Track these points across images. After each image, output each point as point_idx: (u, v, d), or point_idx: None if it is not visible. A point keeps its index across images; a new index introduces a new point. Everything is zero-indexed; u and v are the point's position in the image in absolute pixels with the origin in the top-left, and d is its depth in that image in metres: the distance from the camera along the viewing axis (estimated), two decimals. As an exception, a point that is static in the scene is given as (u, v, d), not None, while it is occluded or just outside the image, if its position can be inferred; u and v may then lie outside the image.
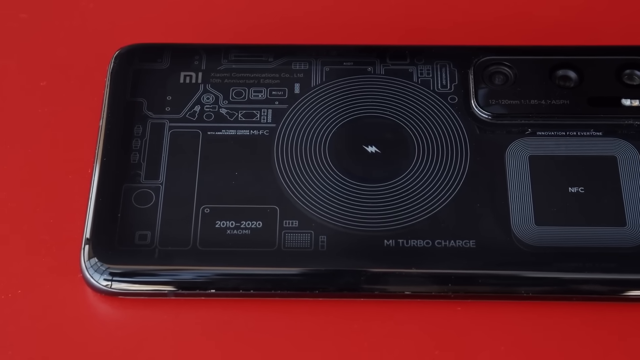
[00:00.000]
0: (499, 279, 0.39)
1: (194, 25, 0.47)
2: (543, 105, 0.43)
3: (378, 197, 0.41)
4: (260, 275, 0.39)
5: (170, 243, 0.40)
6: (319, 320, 0.39)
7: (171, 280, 0.39)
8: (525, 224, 0.40)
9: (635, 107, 0.43)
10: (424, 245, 0.40)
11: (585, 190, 0.41)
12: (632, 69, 0.43)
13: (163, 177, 0.41)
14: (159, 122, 0.43)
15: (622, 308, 0.39)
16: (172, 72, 0.44)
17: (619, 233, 0.40)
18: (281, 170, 0.41)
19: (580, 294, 0.39)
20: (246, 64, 0.44)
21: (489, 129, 0.42)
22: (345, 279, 0.39)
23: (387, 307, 0.39)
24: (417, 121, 0.43)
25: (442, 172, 0.41)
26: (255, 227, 0.40)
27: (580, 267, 0.39)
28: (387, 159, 0.42)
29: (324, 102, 0.43)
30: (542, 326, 0.39)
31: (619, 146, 0.42)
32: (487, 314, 0.39)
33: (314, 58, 0.44)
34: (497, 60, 0.44)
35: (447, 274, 0.39)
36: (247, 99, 0.43)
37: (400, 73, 0.44)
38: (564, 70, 0.43)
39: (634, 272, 0.39)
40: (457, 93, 0.43)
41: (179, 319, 0.39)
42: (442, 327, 0.39)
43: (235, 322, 0.39)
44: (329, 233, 0.40)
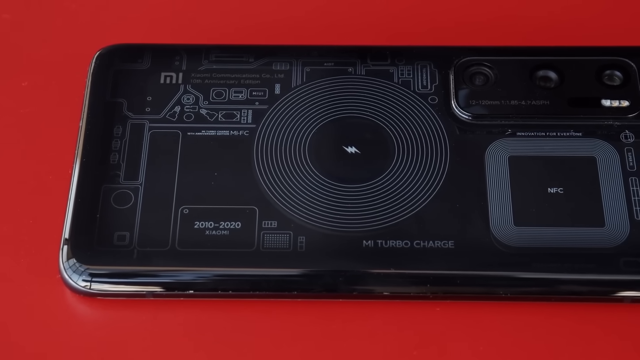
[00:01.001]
0: (478, 279, 0.39)
1: (175, 25, 0.47)
2: (523, 106, 0.43)
3: (357, 197, 0.41)
4: (239, 276, 0.39)
5: (149, 244, 0.40)
6: (298, 320, 0.39)
7: (149, 281, 0.39)
8: (504, 224, 0.40)
9: (615, 107, 0.43)
10: (402, 246, 0.40)
11: (565, 191, 0.41)
12: (613, 69, 0.43)
13: (142, 178, 0.41)
14: (138, 122, 0.42)
15: (600, 308, 0.39)
16: (153, 72, 0.44)
17: (597, 234, 0.40)
18: (261, 170, 0.41)
19: (559, 295, 0.39)
20: (227, 65, 0.44)
21: (469, 130, 0.42)
22: (323, 279, 0.39)
23: (366, 307, 0.39)
24: (397, 122, 0.43)
25: (422, 172, 0.41)
26: (234, 228, 0.40)
27: (558, 268, 0.39)
28: (366, 159, 0.42)
29: (304, 102, 0.43)
30: (521, 327, 0.39)
31: (598, 147, 0.42)
32: (465, 314, 0.39)
33: (294, 58, 0.44)
34: (478, 61, 0.44)
35: (426, 275, 0.39)
36: (227, 100, 0.43)
37: (380, 73, 0.44)
38: (545, 70, 0.43)
39: (613, 272, 0.39)
40: (437, 93, 0.43)
41: (158, 319, 0.39)
42: (421, 327, 0.39)
43: (213, 323, 0.39)
44: (307, 234, 0.40)
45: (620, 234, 0.40)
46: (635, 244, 0.39)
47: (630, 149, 0.42)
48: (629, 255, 0.39)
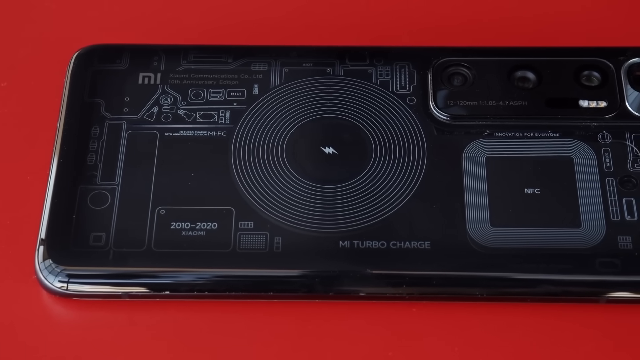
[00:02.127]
0: (454, 280, 0.39)
1: (154, 26, 0.47)
2: (501, 107, 0.43)
3: (334, 198, 0.41)
4: (215, 277, 0.39)
5: (125, 244, 0.40)
6: (274, 321, 0.39)
7: (125, 281, 0.39)
8: (480, 225, 0.40)
9: (592, 108, 0.43)
10: (379, 247, 0.40)
11: (541, 191, 0.41)
12: (591, 70, 0.43)
13: (119, 179, 0.41)
14: (116, 123, 0.42)
15: (576, 309, 0.39)
16: (131, 73, 0.44)
17: (574, 234, 0.40)
18: (238, 171, 0.41)
19: (535, 295, 0.39)
20: (205, 65, 0.44)
21: (447, 130, 0.42)
22: (299, 280, 0.39)
23: (342, 308, 0.39)
24: (375, 122, 0.43)
25: (399, 173, 0.41)
26: (210, 229, 0.40)
27: (534, 268, 0.39)
28: (344, 160, 0.42)
29: (282, 103, 0.43)
30: (497, 327, 0.39)
31: (575, 147, 0.42)
32: (442, 315, 0.39)
33: (273, 59, 0.44)
34: (456, 62, 0.44)
35: (402, 275, 0.39)
36: (205, 100, 0.43)
37: (359, 74, 0.44)
38: (523, 71, 0.44)
39: (588, 273, 0.39)
40: (415, 94, 0.43)
41: (134, 320, 0.39)
42: (397, 328, 0.39)
43: (189, 324, 0.39)
44: (284, 234, 0.40)
45: (596, 234, 0.40)
46: (611, 245, 0.39)
47: (607, 150, 0.42)
48: (605, 255, 0.39)
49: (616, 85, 0.43)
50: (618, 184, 0.41)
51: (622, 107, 0.42)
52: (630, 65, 0.43)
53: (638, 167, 0.41)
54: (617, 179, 0.41)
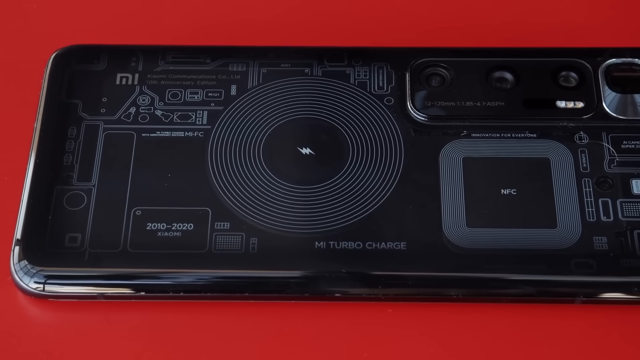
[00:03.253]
0: (429, 280, 0.39)
1: (133, 26, 0.47)
2: (478, 107, 0.43)
3: (310, 199, 0.41)
4: (190, 278, 0.39)
5: (101, 245, 0.40)
6: (249, 322, 0.39)
7: (101, 282, 0.39)
8: (456, 225, 0.40)
9: (569, 108, 0.43)
10: (354, 247, 0.40)
11: (518, 192, 0.41)
12: (568, 70, 0.43)
13: (95, 179, 0.41)
14: (93, 123, 0.42)
15: (552, 309, 0.39)
16: (109, 73, 0.44)
17: (549, 235, 0.40)
18: (214, 172, 0.41)
19: (511, 296, 0.39)
20: (183, 66, 0.44)
21: (424, 131, 0.42)
22: (275, 281, 0.39)
23: (318, 308, 0.39)
24: (352, 123, 0.43)
25: (376, 174, 0.41)
26: (186, 229, 0.40)
27: (510, 269, 0.39)
28: (321, 161, 0.42)
29: (260, 103, 0.43)
30: (473, 328, 0.39)
31: (552, 148, 0.42)
32: (417, 315, 0.39)
33: (251, 59, 0.44)
34: (434, 62, 0.44)
35: (377, 276, 0.39)
36: (182, 101, 0.43)
37: (337, 75, 0.44)
38: (501, 72, 0.43)
39: (564, 273, 0.39)
40: (393, 95, 0.43)
41: (109, 321, 0.39)
42: (373, 329, 0.39)
43: (165, 324, 0.39)
44: (260, 235, 0.40)
45: (572, 235, 0.40)
46: (586, 245, 0.39)
47: (584, 150, 0.42)
48: (580, 256, 0.39)
49: (593, 86, 0.43)
50: (594, 184, 0.41)
51: (599, 108, 0.42)
52: (608, 66, 0.43)
53: (614, 167, 0.41)
54: (594, 179, 0.41)
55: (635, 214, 0.40)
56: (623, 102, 0.43)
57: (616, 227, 0.40)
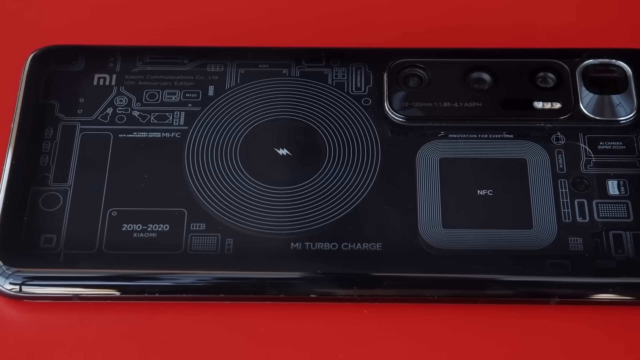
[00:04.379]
0: (405, 281, 0.39)
1: (111, 27, 0.47)
2: (456, 108, 0.43)
3: (286, 200, 0.41)
4: (166, 279, 0.39)
5: (76, 246, 0.39)
6: (225, 323, 0.39)
7: (76, 283, 0.39)
8: (432, 226, 0.40)
9: (547, 109, 0.43)
10: (330, 248, 0.40)
11: (494, 193, 0.41)
12: (546, 71, 0.43)
13: (72, 180, 0.41)
14: (70, 124, 0.42)
15: (527, 310, 0.39)
16: (86, 74, 0.44)
17: (525, 236, 0.40)
18: (191, 173, 0.41)
19: (486, 297, 0.39)
20: (161, 66, 0.44)
21: (402, 132, 0.42)
22: (250, 282, 0.39)
23: (293, 310, 0.39)
24: (329, 124, 0.43)
25: (352, 175, 0.41)
26: (162, 230, 0.40)
27: (486, 270, 0.39)
28: (297, 161, 0.42)
29: (237, 104, 0.43)
30: (448, 329, 0.39)
31: (529, 149, 0.42)
32: (393, 316, 0.39)
33: (229, 60, 0.44)
34: (412, 63, 0.44)
35: (353, 277, 0.39)
36: (160, 101, 0.43)
37: (315, 75, 0.44)
38: (478, 72, 0.43)
39: (539, 274, 0.39)
40: (371, 95, 0.43)
41: (85, 322, 0.39)
42: (348, 329, 0.39)
43: (140, 326, 0.39)
44: (235, 236, 0.40)
45: (547, 235, 0.40)
46: (561, 246, 0.39)
47: (560, 151, 0.42)
48: (556, 257, 0.39)
49: (571, 87, 0.43)
50: (570, 185, 0.41)
51: (576, 109, 0.42)
52: (586, 67, 0.43)
53: (591, 168, 0.41)
54: (570, 180, 0.41)
55: (611, 215, 0.40)
56: (600, 103, 0.43)
57: (592, 228, 0.40)
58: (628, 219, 0.40)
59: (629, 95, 0.43)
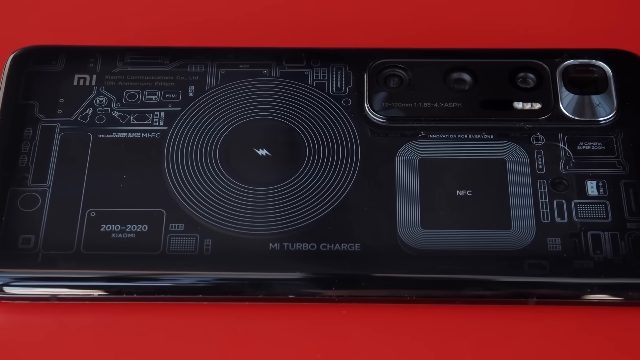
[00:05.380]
0: (383, 282, 0.39)
1: (92, 27, 0.47)
2: (436, 108, 0.43)
3: (265, 200, 0.41)
4: (143, 279, 0.39)
5: (54, 247, 0.39)
6: (203, 324, 0.39)
7: (53, 284, 0.39)
8: (411, 227, 0.40)
9: (526, 110, 0.43)
10: (308, 249, 0.40)
11: (473, 193, 0.41)
12: (526, 72, 0.43)
13: (50, 181, 0.41)
14: (49, 125, 0.42)
15: (505, 310, 0.39)
16: (66, 74, 0.44)
17: (503, 236, 0.40)
18: (170, 173, 0.41)
19: (465, 297, 0.39)
20: (141, 67, 0.44)
21: (382, 132, 0.42)
22: (228, 283, 0.39)
23: (271, 310, 0.39)
24: (309, 124, 0.43)
25: (332, 175, 0.41)
26: (140, 231, 0.40)
27: (464, 270, 0.39)
28: (277, 162, 0.42)
29: (217, 104, 0.43)
30: (427, 330, 0.39)
31: (508, 149, 0.42)
32: (371, 317, 0.39)
33: (210, 60, 0.44)
34: (392, 63, 0.44)
35: (331, 278, 0.39)
36: (140, 102, 0.43)
37: (295, 76, 0.44)
38: (459, 73, 0.43)
39: (517, 274, 0.39)
40: (351, 96, 0.43)
41: (63, 323, 0.39)
42: (326, 330, 0.39)
43: (118, 326, 0.39)
44: (214, 237, 0.40)
45: (526, 236, 0.40)
46: (540, 246, 0.39)
47: (540, 152, 0.42)
48: (534, 257, 0.39)
49: (551, 87, 0.43)
50: (550, 185, 0.41)
51: (556, 109, 0.42)
52: (566, 67, 0.43)
53: (570, 169, 0.41)
54: (549, 180, 0.41)
55: (590, 215, 0.40)
56: (580, 103, 0.43)
57: (570, 229, 0.40)
58: (606, 219, 0.40)
59: (609, 95, 0.43)
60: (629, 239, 0.39)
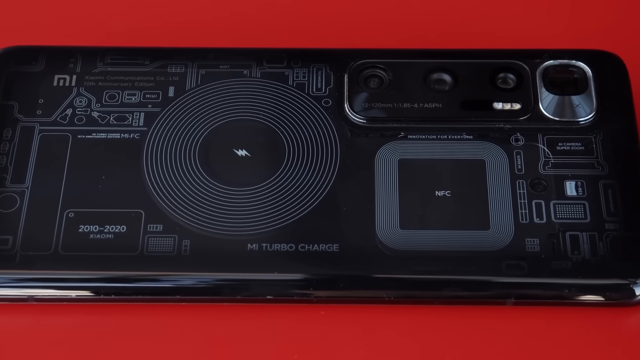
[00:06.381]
0: (361, 282, 0.39)
1: (72, 28, 0.47)
2: (416, 109, 0.43)
3: (244, 201, 0.41)
4: (121, 280, 0.39)
5: (32, 248, 0.39)
6: (181, 324, 0.39)
7: (31, 285, 0.39)
8: (390, 228, 0.40)
9: (506, 110, 0.43)
10: (287, 250, 0.39)
11: (452, 194, 0.41)
12: (506, 72, 0.43)
13: (29, 181, 0.41)
14: (29, 125, 0.42)
15: (484, 311, 0.39)
16: (46, 74, 0.44)
17: (482, 236, 0.40)
18: (149, 174, 0.41)
19: (443, 298, 0.39)
20: (122, 67, 0.44)
21: (362, 133, 0.42)
22: (206, 283, 0.39)
23: (249, 311, 0.39)
24: (289, 125, 0.43)
25: (311, 176, 0.41)
26: (118, 232, 0.40)
27: (442, 271, 0.39)
28: (256, 162, 0.42)
29: (197, 105, 0.43)
30: (405, 330, 0.39)
31: (488, 150, 0.42)
32: (349, 317, 0.39)
33: (190, 61, 0.44)
34: (372, 64, 0.44)
35: (309, 278, 0.39)
36: (120, 102, 0.43)
37: (275, 76, 0.44)
38: (439, 73, 0.43)
39: (495, 275, 0.39)
40: (331, 96, 0.43)
41: (40, 324, 0.39)
42: (305, 331, 0.39)
43: (96, 327, 0.39)
44: (192, 237, 0.40)
45: (504, 237, 0.40)
46: (518, 247, 0.39)
47: (519, 152, 0.42)
48: (512, 258, 0.39)
49: (531, 88, 0.43)
50: (528, 186, 0.41)
51: (536, 110, 0.42)
52: (546, 68, 0.43)
53: (549, 169, 0.41)
54: (528, 181, 0.41)
55: (568, 216, 0.40)
56: (560, 103, 0.43)
57: (548, 229, 0.40)
58: (585, 219, 0.40)
59: (589, 96, 0.43)
60: (607, 240, 0.39)
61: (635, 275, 0.39)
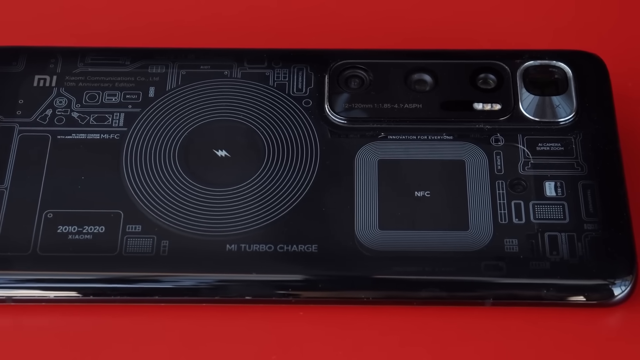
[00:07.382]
0: (340, 283, 0.39)
1: (53, 28, 0.47)
2: (396, 109, 0.43)
3: (223, 201, 0.41)
4: (100, 281, 0.39)
5: (10, 248, 0.39)
6: (160, 325, 0.39)
7: (9, 285, 0.39)
8: (369, 228, 0.40)
9: (486, 111, 0.43)
10: (265, 250, 0.39)
11: (431, 194, 0.41)
12: (487, 73, 0.43)
13: (8, 182, 0.41)
14: (8, 126, 0.42)
15: (462, 311, 0.39)
16: (26, 75, 0.44)
17: (461, 237, 0.40)
18: (128, 174, 0.41)
19: (421, 299, 0.39)
20: (102, 67, 0.44)
21: (342, 133, 0.42)
22: (184, 284, 0.39)
23: (228, 312, 0.39)
24: (269, 125, 0.43)
25: (290, 176, 0.41)
26: (97, 232, 0.40)
27: (421, 271, 0.39)
28: (236, 163, 0.42)
29: (178, 105, 0.43)
30: (383, 331, 0.39)
31: (468, 150, 0.42)
32: (328, 318, 0.39)
33: (170, 61, 0.44)
34: (353, 64, 0.44)
35: (288, 279, 0.39)
36: (100, 103, 0.43)
37: (256, 77, 0.44)
38: (419, 74, 0.43)
39: (474, 275, 0.39)
40: (311, 97, 0.43)
41: (19, 324, 0.39)
42: (283, 331, 0.39)
43: (74, 328, 0.39)
44: (171, 238, 0.40)
45: (483, 237, 0.40)
46: (497, 248, 0.39)
47: (499, 153, 0.42)
48: (491, 258, 0.39)
49: (511, 88, 0.43)
50: (508, 186, 0.41)
51: (516, 110, 0.42)
52: (526, 68, 0.43)
53: (528, 170, 0.41)
54: (507, 181, 0.41)
55: (547, 216, 0.40)
56: (540, 104, 0.43)
57: (527, 229, 0.40)
58: (564, 220, 0.40)
59: (569, 96, 0.43)
60: (585, 240, 0.39)
61: (613, 276, 0.39)
